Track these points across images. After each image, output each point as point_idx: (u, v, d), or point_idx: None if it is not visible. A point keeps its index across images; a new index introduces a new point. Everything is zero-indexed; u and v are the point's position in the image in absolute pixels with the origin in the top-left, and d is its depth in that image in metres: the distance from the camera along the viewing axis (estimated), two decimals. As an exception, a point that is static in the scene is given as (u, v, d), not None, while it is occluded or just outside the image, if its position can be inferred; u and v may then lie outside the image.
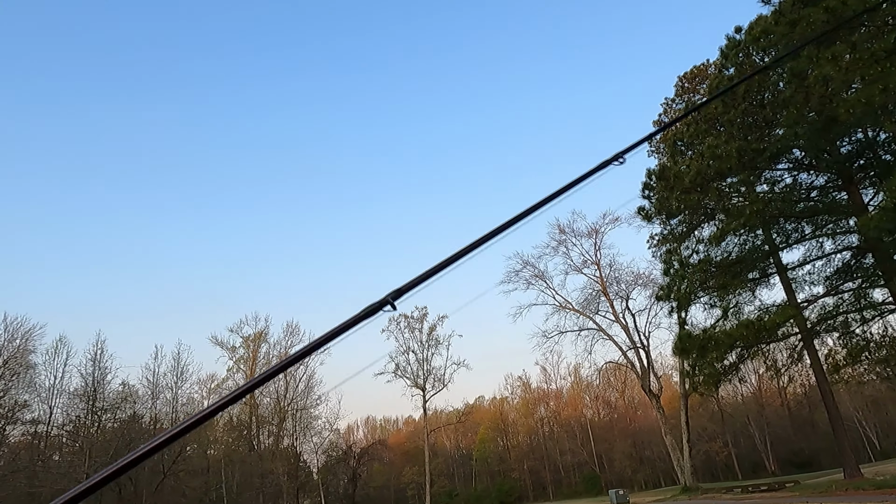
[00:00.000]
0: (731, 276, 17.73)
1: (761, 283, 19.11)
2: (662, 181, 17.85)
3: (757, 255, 18.08)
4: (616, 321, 32.46)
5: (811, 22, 13.05)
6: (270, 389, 43.03)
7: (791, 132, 15.37)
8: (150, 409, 33.46)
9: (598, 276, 33.26)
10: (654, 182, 18.37)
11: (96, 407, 28.48)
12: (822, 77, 13.16)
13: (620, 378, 56.33)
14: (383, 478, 58.92)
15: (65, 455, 28.66)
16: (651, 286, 31.27)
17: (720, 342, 16.16)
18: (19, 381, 26.97)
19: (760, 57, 16.56)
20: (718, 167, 16.20)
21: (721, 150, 15.96)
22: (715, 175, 16.66)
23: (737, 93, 16.27)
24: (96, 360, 29.08)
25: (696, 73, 27.60)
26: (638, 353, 32.10)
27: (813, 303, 18.09)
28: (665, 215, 18.66)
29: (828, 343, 19.41)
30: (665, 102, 29.09)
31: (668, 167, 18.26)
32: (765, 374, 43.78)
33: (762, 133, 16.75)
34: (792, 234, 18.16)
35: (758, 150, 16.00)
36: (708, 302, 18.93)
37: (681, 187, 17.03)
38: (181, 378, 35.86)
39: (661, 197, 18.00)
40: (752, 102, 16.77)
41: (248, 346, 45.27)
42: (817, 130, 14.75)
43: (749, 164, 16.33)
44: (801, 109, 14.67)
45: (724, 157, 15.87)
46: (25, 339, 26.95)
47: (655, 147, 29.01)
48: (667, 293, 18.57)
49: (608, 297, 32.76)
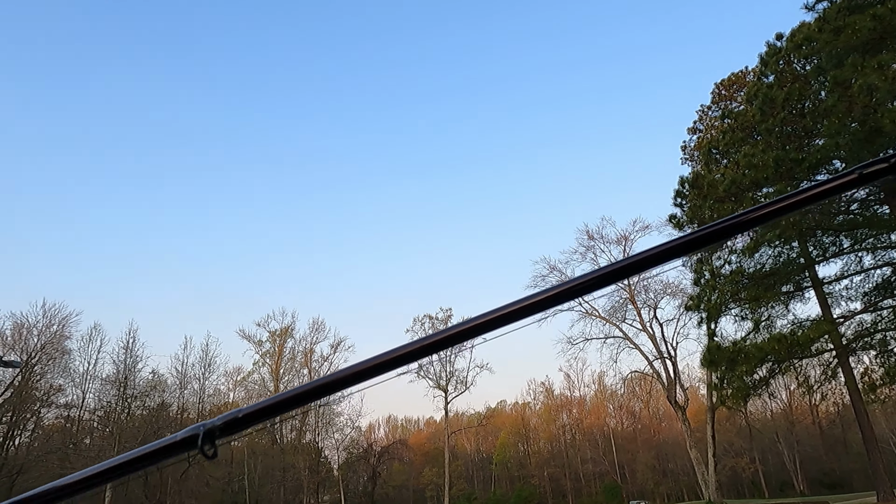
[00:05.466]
0: (764, 288, 17.30)
1: (795, 297, 18.60)
2: (696, 189, 17.53)
3: (792, 268, 17.61)
4: (643, 330, 32.00)
5: (857, 30, 12.67)
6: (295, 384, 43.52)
7: (832, 142, 14.93)
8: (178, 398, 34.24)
9: (627, 283, 32.82)
10: (687, 190, 18.05)
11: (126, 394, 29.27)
12: (867, 86, 12.76)
13: (645, 388, 55.42)
14: (402, 477, 59.08)
15: (95, 439, 29.52)
16: (680, 296, 30.75)
17: (750, 355, 15.77)
18: (55, 365, 27.91)
19: (802, 65, 16.14)
20: (754, 177, 15.83)
21: (758, 159, 15.59)
22: (750, 185, 16.28)
23: (776, 101, 15.89)
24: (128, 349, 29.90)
25: (734, 81, 27.05)
26: (664, 364, 31.57)
27: (849, 319, 17.53)
28: (697, 224, 18.31)
29: (864, 361, 18.80)
30: (701, 110, 28.61)
31: (702, 175, 17.92)
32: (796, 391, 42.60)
33: (801, 143, 16.31)
34: (829, 248, 17.64)
35: (796, 159, 15.58)
36: (739, 314, 18.51)
37: (714, 196, 16.70)
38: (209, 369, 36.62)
39: (693, 205, 17.68)
40: (792, 111, 16.34)
41: (274, 340, 45.96)
42: (860, 141, 14.30)
43: (786, 174, 15.91)
44: (843, 119, 14.24)
45: (760, 167, 15.50)
46: (62, 325, 27.86)
47: (689, 155, 28.53)
48: (697, 303, 18.21)
49: (636, 305, 32.32)
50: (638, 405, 60.24)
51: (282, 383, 43.93)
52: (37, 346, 26.43)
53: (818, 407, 47.45)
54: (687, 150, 28.74)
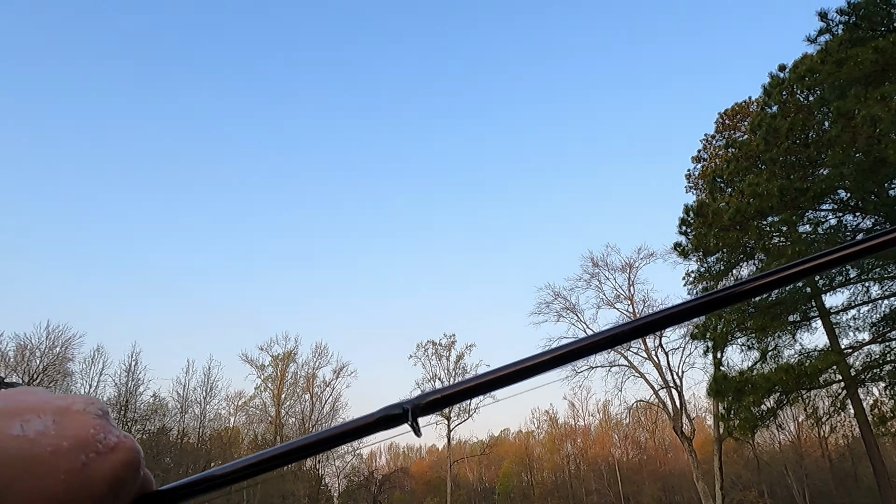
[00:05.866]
0: (771, 317, 17.17)
1: (802, 327, 18.43)
2: (700, 217, 17.55)
3: (798, 297, 17.49)
4: (648, 359, 31.69)
5: (859, 62, 12.81)
6: (296, 410, 43.21)
7: (836, 172, 14.98)
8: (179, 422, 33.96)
9: (632, 311, 32.64)
10: (692, 218, 18.06)
11: (127, 417, 29.07)
12: (870, 117, 12.84)
13: (651, 418, 54.68)
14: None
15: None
16: (686, 324, 30.52)
17: (758, 386, 15.57)
18: (56, 388, 27.76)
19: (805, 95, 16.28)
20: (759, 205, 15.84)
21: (762, 188, 15.63)
22: (755, 213, 16.29)
23: (779, 131, 16.00)
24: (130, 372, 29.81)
25: (737, 110, 27.30)
26: (670, 393, 31.19)
27: (858, 349, 17.33)
28: (702, 252, 18.28)
29: (874, 393, 18.51)
30: (704, 139, 28.80)
31: (707, 204, 17.95)
32: (805, 422, 41.91)
33: (805, 172, 16.36)
34: (836, 277, 17.53)
35: (801, 189, 15.62)
36: (745, 343, 18.33)
37: (719, 224, 16.69)
38: (210, 393, 36.39)
39: (698, 233, 17.67)
40: (796, 141, 16.44)
41: (276, 365, 45.70)
42: (864, 171, 14.34)
43: (791, 203, 15.93)
44: (847, 149, 14.31)
45: (765, 196, 15.53)
46: (65, 347, 27.86)
47: (693, 183, 28.63)
48: (702, 332, 18.06)
49: (641, 333, 32.02)
50: (643, 435, 59.31)
51: (283, 408, 43.53)
52: (39, 367, 26.38)
53: (827, 439, 46.57)
54: (691, 179, 28.86)
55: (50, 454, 0.32)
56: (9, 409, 0.33)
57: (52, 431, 0.33)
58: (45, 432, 0.33)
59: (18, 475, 0.30)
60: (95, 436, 0.35)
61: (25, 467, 0.31)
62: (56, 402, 0.36)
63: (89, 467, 0.33)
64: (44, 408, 0.34)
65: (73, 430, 0.34)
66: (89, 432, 0.34)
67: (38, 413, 0.34)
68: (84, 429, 0.34)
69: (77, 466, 0.33)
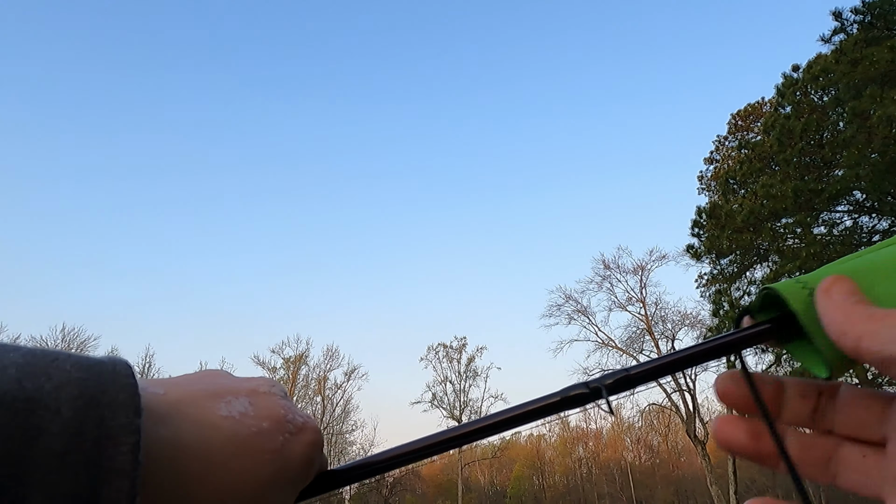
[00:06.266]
0: (785, 320, 16.97)
1: (817, 330, 18.22)
2: (713, 219, 17.42)
3: (814, 300, 17.28)
4: (661, 362, 31.44)
5: (874, 61, 12.67)
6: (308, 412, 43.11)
7: (852, 173, 14.81)
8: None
9: (644, 314, 32.45)
10: (704, 220, 17.94)
11: (141, 419, 29.27)
12: (886, 117, 12.69)
13: (664, 421, 54.27)
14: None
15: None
16: (699, 327, 30.29)
17: (772, 389, 15.40)
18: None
19: (819, 96, 16.12)
20: (773, 207, 15.70)
21: (776, 189, 15.49)
22: (769, 215, 16.14)
23: (793, 131, 15.85)
24: (144, 374, 30.07)
25: (750, 111, 27.08)
26: (683, 397, 30.95)
27: (874, 353, 17.10)
28: (715, 254, 18.14)
29: (891, 397, 18.25)
30: (717, 140, 28.59)
31: (720, 205, 17.82)
32: (821, 427, 41.32)
33: (820, 173, 16.19)
34: (852, 279, 17.31)
35: (815, 190, 15.45)
36: (759, 346, 18.14)
37: (732, 226, 16.56)
38: (222, 395, 36.60)
39: (711, 235, 17.54)
40: (810, 141, 16.27)
41: (288, 367, 45.93)
42: (880, 172, 14.16)
43: (806, 204, 15.76)
44: (863, 150, 14.14)
45: (778, 197, 15.39)
46: (80, 349, 28.16)
47: (706, 185, 28.42)
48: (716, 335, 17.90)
49: (653, 336, 31.87)
50: (656, 439, 58.87)
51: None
52: (55, 369, 26.62)
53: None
54: (704, 180, 28.65)
55: (255, 435, 0.32)
56: (212, 390, 0.33)
57: (252, 412, 0.33)
58: (246, 413, 0.32)
59: (233, 455, 0.30)
60: (286, 416, 0.34)
61: (237, 448, 0.30)
62: (244, 383, 0.35)
63: (286, 448, 0.33)
64: (237, 389, 0.34)
65: (268, 411, 0.34)
66: (280, 413, 0.34)
67: (235, 394, 0.33)
68: (276, 410, 0.34)
69: (276, 447, 0.32)
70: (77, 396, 0.23)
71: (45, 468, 0.21)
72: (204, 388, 0.32)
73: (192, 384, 0.33)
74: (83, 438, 0.22)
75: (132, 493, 0.22)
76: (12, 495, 0.20)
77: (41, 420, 0.21)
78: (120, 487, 0.22)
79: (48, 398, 0.22)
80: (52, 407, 0.22)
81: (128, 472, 0.22)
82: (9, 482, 0.20)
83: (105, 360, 0.26)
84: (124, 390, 0.24)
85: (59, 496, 0.21)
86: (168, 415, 0.28)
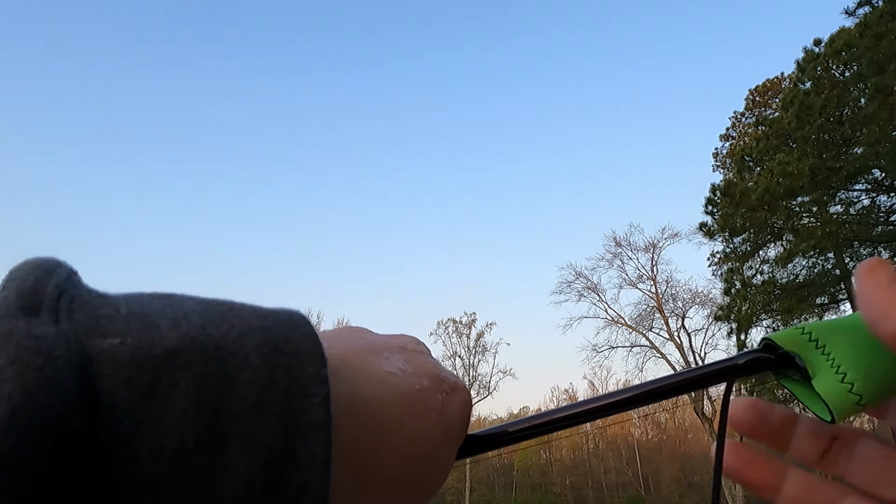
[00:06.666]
0: (798, 299, 16.88)
1: (830, 309, 18.10)
2: (727, 197, 17.21)
3: (827, 280, 17.14)
4: (670, 339, 31.52)
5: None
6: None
7: (871, 151, 14.52)
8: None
9: (654, 292, 32.37)
10: (718, 198, 17.73)
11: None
12: (910, 94, 12.38)
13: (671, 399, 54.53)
14: (423, 480, 59.11)
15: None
16: (709, 306, 30.18)
17: (782, 369, 15.39)
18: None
19: (841, 71, 15.73)
20: (789, 185, 15.47)
21: (793, 167, 15.24)
22: (784, 193, 15.91)
23: (813, 108, 15.51)
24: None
25: (769, 87, 26.51)
26: (692, 374, 31.01)
27: (887, 334, 16.99)
28: (728, 233, 17.97)
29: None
30: (734, 116, 28.09)
31: (734, 183, 17.58)
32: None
33: (839, 151, 15.88)
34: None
35: (833, 168, 15.19)
36: (770, 325, 18.08)
37: (747, 204, 16.36)
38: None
39: (724, 213, 17.35)
40: (830, 118, 15.93)
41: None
42: (901, 150, 13.88)
43: (823, 183, 15.52)
44: (884, 128, 13.83)
45: (795, 175, 15.15)
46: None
47: (721, 162, 28.04)
48: (727, 314, 17.85)
49: (663, 314, 31.84)
50: (663, 416, 59.28)
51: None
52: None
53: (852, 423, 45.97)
54: (719, 157, 28.26)
55: (419, 392, 0.29)
56: (370, 345, 0.30)
57: (410, 369, 0.30)
58: (405, 370, 0.30)
59: (405, 414, 0.28)
60: (440, 374, 0.32)
61: (407, 406, 0.28)
62: (392, 339, 0.32)
63: (446, 407, 0.30)
64: (390, 345, 0.31)
65: (423, 368, 0.31)
66: (435, 371, 0.32)
67: (389, 350, 0.30)
68: (431, 367, 0.32)
69: (438, 406, 0.30)
70: (262, 344, 0.21)
71: (242, 419, 0.19)
72: (362, 343, 0.30)
73: (348, 339, 0.30)
74: (275, 388, 0.20)
75: (327, 447, 0.21)
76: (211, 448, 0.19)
77: (231, 368, 0.20)
78: (316, 440, 0.20)
79: (235, 345, 0.21)
80: (239, 354, 0.20)
81: (322, 425, 0.21)
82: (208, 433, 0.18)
83: (279, 310, 0.24)
84: (306, 338, 0.23)
85: (257, 449, 0.19)
86: (340, 368, 0.25)
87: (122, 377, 0.18)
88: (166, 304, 0.21)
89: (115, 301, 0.21)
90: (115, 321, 0.20)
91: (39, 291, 0.19)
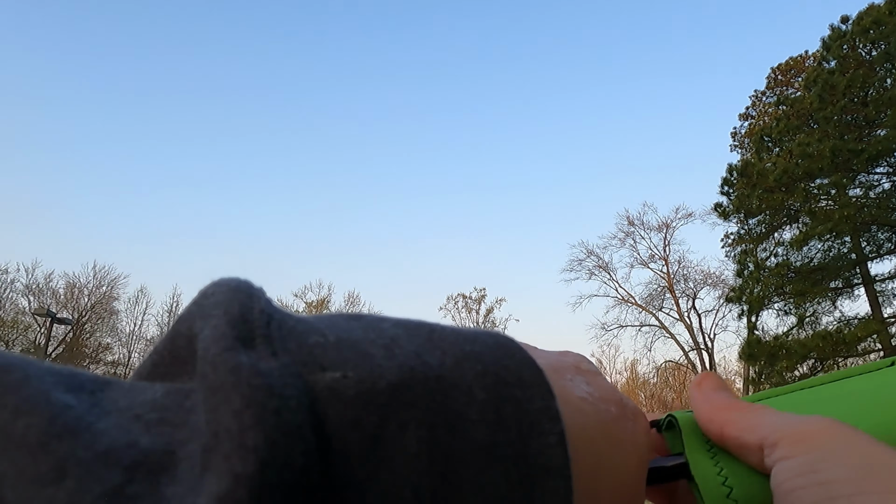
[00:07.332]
0: (811, 283, 16.74)
1: (844, 294, 17.93)
2: (744, 178, 16.98)
3: (842, 264, 16.95)
4: (680, 320, 31.48)
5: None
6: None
7: (895, 133, 14.21)
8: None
9: (666, 272, 32.23)
10: (735, 178, 17.50)
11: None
12: (938, 75, 12.05)
13: (679, 379, 54.65)
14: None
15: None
16: (721, 287, 30.00)
17: (792, 351, 15.36)
18: (103, 324, 29.27)
19: (868, 50, 15.31)
20: (808, 167, 15.21)
21: (813, 148, 14.96)
22: (803, 175, 15.66)
23: (837, 87, 15.16)
24: (172, 312, 31.02)
25: (792, 65, 25.87)
26: (700, 355, 31.08)
27: (901, 319, 16.84)
28: (744, 214, 17.78)
29: (914, 364, 18.07)
30: (754, 95, 27.52)
31: (752, 163, 17.33)
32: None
33: (861, 132, 15.55)
34: (884, 244, 16.89)
35: (855, 150, 14.89)
36: (782, 308, 17.98)
37: (764, 185, 16.14)
38: (247, 337, 37.71)
39: (740, 194, 17.14)
40: (854, 99, 15.57)
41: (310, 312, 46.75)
42: (926, 133, 13.58)
43: (843, 165, 15.24)
44: (909, 109, 13.51)
45: (815, 157, 14.89)
46: (111, 286, 29.15)
47: (739, 142, 27.59)
48: (738, 295, 17.76)
49: (674, 294, 31.76)
50: (671, 395, 59.53)
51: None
52: (87, 305, 27.76)
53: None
54: (737, 137, 27.78)
55: (613, 421, 0.24)
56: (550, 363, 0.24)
57: (597, 394, 0.25)
58: (592, 394, 0.25)
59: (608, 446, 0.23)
60: (622, 399, 0.27)
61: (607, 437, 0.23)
62: (563, 357, 0.27)
63: (635, 437, 0.25)
64: (565, 363, 0.26)
65: (608, 394, 0.26)
66: (618, 396, 0.27)
67: (567, 370, 0.25)
68: (614, 392, 0.27)
69: (630, 437, 0.25)
70: (482, 373, 0.18)
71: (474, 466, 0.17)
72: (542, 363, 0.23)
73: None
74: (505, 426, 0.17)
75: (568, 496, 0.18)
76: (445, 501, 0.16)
77: (456, 403, 0.17)
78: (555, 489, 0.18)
79: (454, 376, 0.18)
80: (461, 387, 0.18)
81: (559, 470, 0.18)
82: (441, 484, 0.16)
83: (481, 331, 0.21)
84: (526, 365, 0.19)
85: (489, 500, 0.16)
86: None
87: (349, 418, 0.16)
88: (366, 328, 0.19)
89: (317, 326, 0.19)
90: (329, 350, 0.17)
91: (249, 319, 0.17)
